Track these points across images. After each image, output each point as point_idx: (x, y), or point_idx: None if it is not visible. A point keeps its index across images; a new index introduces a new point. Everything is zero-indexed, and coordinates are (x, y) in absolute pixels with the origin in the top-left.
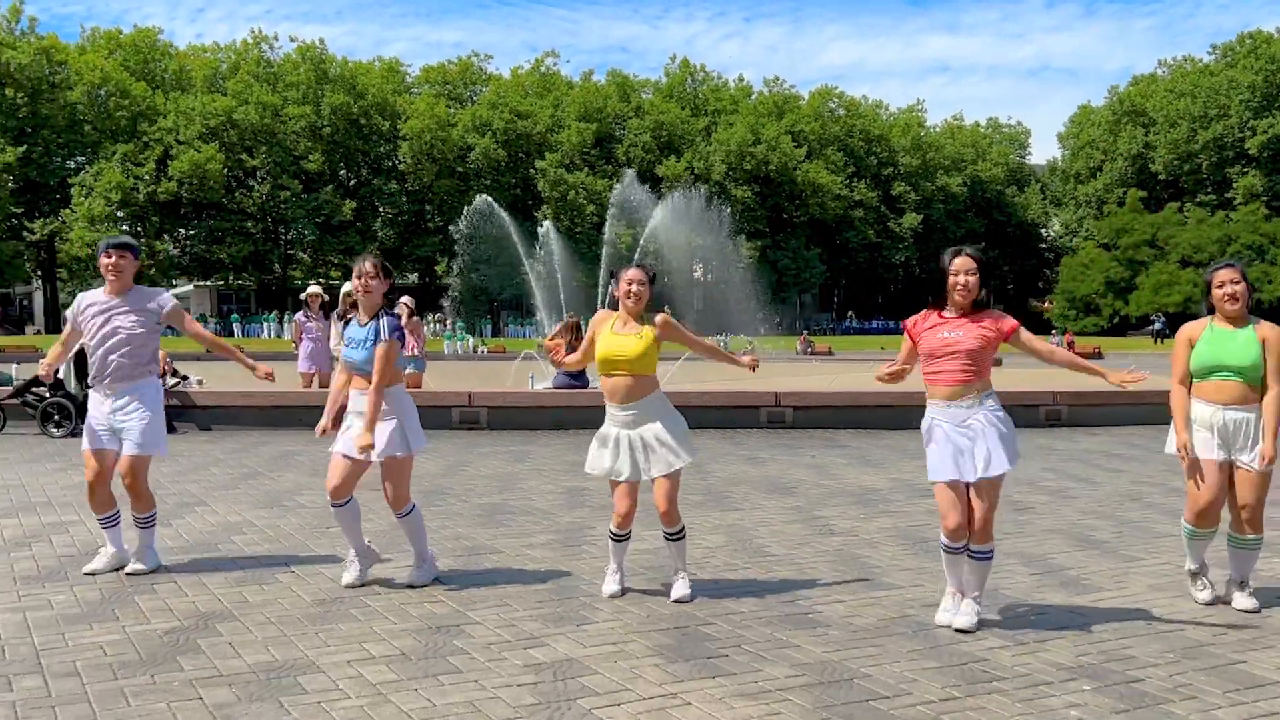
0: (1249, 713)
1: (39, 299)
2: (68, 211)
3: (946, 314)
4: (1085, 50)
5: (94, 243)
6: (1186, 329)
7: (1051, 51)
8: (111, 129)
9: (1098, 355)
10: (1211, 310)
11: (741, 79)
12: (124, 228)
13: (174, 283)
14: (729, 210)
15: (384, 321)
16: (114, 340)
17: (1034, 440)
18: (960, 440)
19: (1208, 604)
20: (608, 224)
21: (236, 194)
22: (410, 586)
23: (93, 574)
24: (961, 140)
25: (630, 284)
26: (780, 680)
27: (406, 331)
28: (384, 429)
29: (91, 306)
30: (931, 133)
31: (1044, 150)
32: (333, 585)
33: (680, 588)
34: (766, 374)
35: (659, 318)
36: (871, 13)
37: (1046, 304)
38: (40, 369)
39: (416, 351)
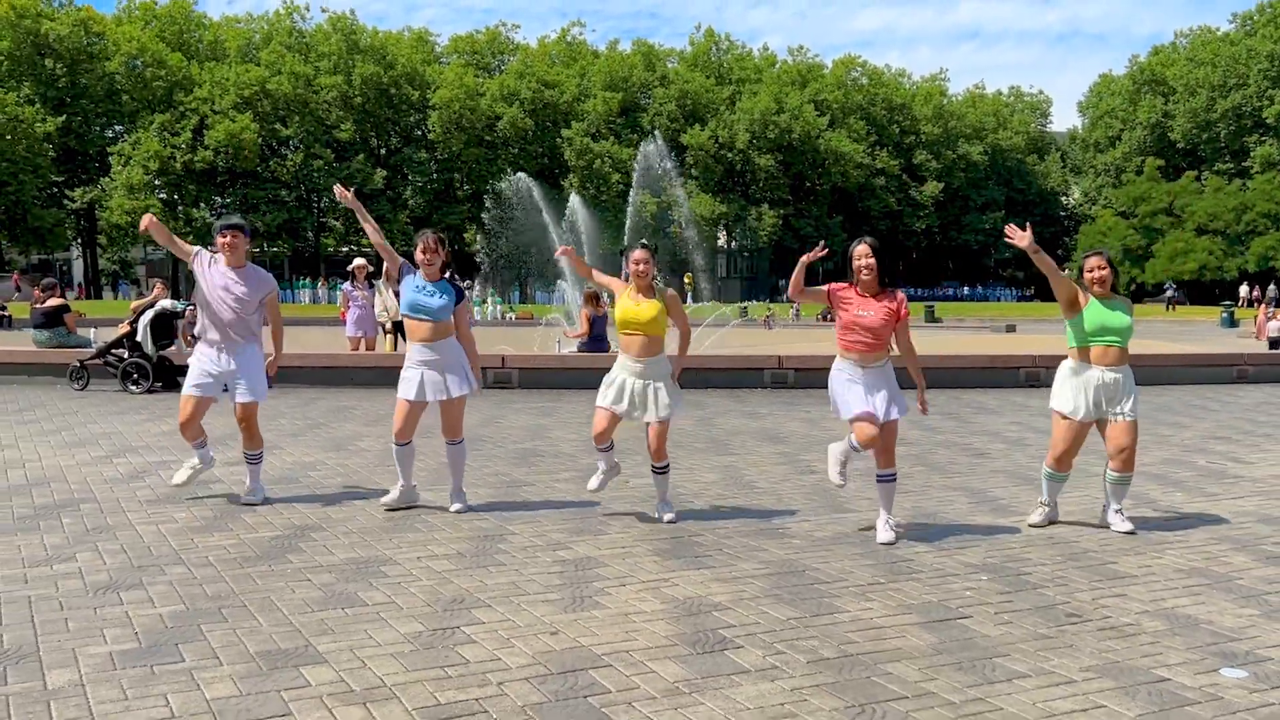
0: (1103, 594)
1: (78, 266)
2: (107, 180)
3: (861, 291)
4: (1116, 14)
5: (132, 210)
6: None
7: (1082, 16)
8: (148, 99)
9: None
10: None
11: (766, 48)
12: (161, 196)
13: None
14: (751, 178)
15: (453, 287)
16: (229, 305)
17: (1010, 399)
18: (863, 387)
19: (1033, 524)
20: (634, 189)
21: (270, 163)
22: (458, 513)
23: (179, 485)
24: (983, 109)
25: (637, 264)
26: (749, 571)
27: None
28: (453, 375)
29: (215, 270)
30: (953, 101)
31: (1067, 118)
32: (398, 508)
33: (665, 512)
34: (776, 338)
35: (669, 293)
36: None
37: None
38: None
39: None
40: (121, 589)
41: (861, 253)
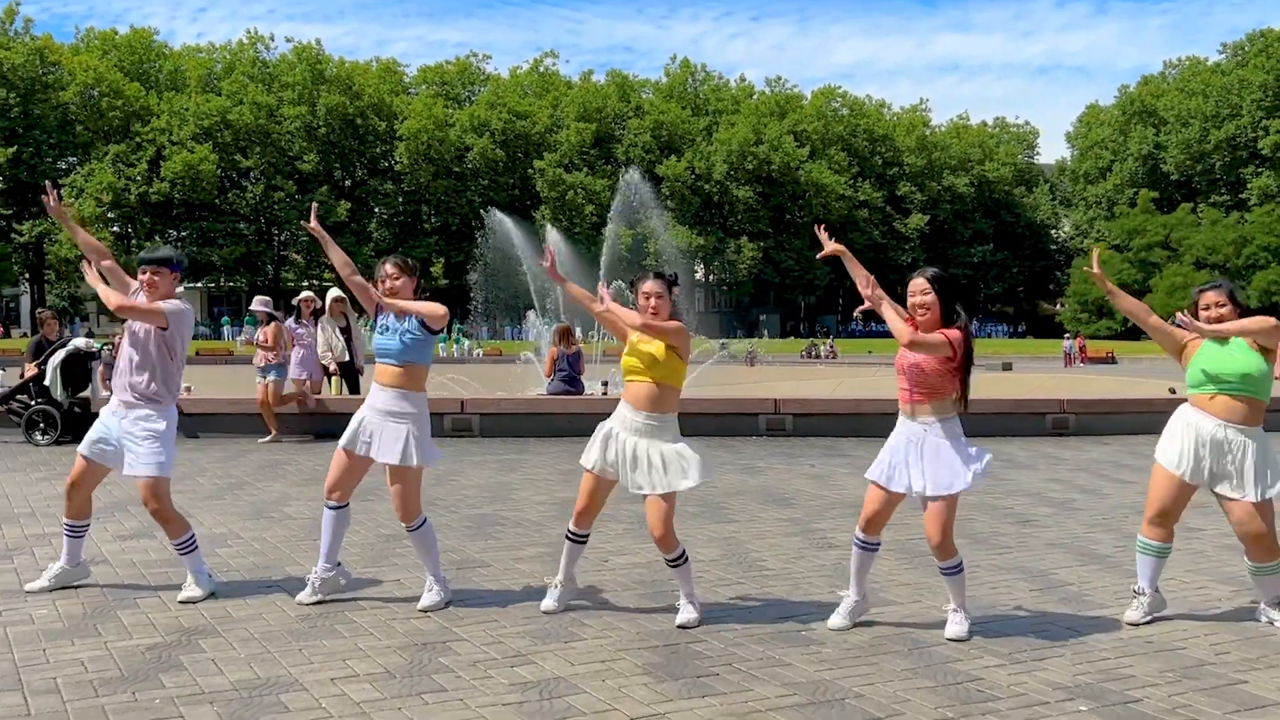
0: None
1: (25, 302)
2: None
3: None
4: (1098, 48)
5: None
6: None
7: (1063, 50)
8: (104, 129)
9: (1111, 359)
10: None
11: (743, 78)
12: (114, 229)
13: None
14: (729, 210)
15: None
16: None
17: (1040, 449)
18: (906, 455)
19: (1131, 622)
20: (611, 220)
21: (229, 195)
22: (425, 612)
23: (33, 591)
24: (968, 140)
25: (648, 296)
26: (771, 700)
27: (268, 337)
28: (397, 433)
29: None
30: (937, 132)
31: (1054, 150)
32: (318, 601)
33: (685, 613)
34: (760, 375)
35: (675, 324)
36: (880, 11)
37: (1058, 306)
38: None
39: (274, 359)
40: None
41: (916, 288)
